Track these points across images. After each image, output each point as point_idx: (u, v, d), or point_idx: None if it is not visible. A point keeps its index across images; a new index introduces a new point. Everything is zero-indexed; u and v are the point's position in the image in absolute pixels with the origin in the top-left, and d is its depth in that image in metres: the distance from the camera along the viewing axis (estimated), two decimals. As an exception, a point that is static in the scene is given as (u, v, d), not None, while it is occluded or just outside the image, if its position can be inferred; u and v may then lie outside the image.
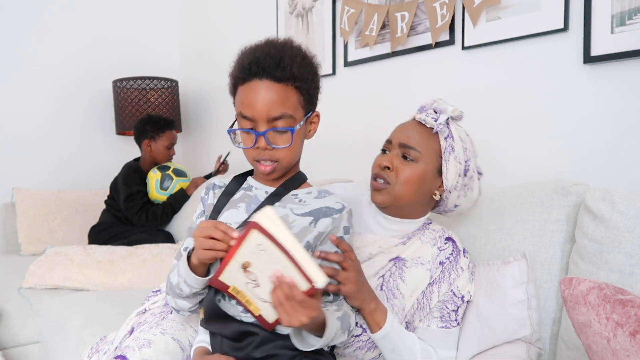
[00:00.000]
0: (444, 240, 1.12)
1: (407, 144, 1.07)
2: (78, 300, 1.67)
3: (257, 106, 0.88)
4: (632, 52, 1.28)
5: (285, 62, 0.89)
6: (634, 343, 0.68)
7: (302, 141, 0.96)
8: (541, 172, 1.48)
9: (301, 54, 0.93)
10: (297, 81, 0.90)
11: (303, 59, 0.92)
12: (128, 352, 0.97)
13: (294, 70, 0.89)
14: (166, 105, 2.84)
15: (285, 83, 0.89)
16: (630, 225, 1.01)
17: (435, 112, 1.08)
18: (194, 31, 3.17)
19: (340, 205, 0.97)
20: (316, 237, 0.93)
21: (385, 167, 1.07)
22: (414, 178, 1.06)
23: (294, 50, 0.93)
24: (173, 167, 2.53)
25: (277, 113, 0.88)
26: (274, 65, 0.88)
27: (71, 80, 2.91)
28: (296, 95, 0.91)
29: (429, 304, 1.07)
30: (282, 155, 0.92)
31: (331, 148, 2.17)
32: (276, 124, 0.89)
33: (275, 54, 0.89)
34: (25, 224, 2.53)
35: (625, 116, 1.33)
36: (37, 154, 2.82)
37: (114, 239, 2.34)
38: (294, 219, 0.93)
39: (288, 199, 0.96)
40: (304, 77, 0.91)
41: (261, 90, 0.88)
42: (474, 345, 1.08)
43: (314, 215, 0.94)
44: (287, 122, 0.90)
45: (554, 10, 1.43)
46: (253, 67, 0.89)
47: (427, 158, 1.07)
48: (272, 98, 0.88)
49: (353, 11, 1.99)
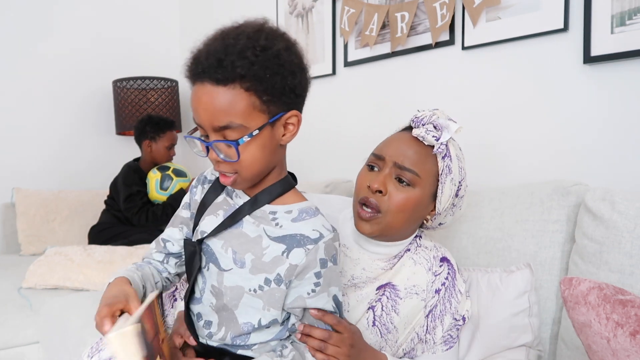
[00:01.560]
0: (439, 262, 1.02)
1: (403, 165, 0.94)
2: (78, 300, 1.67)
3: (200, 114, 0.75)
4: (632, 52, 1.28)
5: (229, 59, 0.72)
6: (634, 343, 0.68)
7: (270, 149, 0.79)
8: (541, 172, 1.48)
9: (260, 46, 0.74)
10: (247, 81, 0.73)
11: (262, 51, 0.74)
12: None
13: (239, 68, 0.72)
14: (166, 105, 2.84)
15: (231, 85, 0.73)
16: (630, 225, 1.01)
17: (435, 128, 0.95)
18: (194, 31, 3.16)
19: (316, 234, 0.81)
20: (288, 271, 0.80)
21: (377, 192, 0.94)
22: (409, 205, 0.94)
23: (251, 42, 0.74)
24: (173, 167, 2.53)
25: (221, 123, 0.74)
26: (215, 64, 0.72)
27: (71, 80, 2.91)
28: (248, 98, 0.73)
29: (433, 339, 1.00)
30: (239, 167, 0.78)
31: (331, 148, 2.17)
32: (225, 134, 0.75)
33: (218, 50, 0.73)
34: (25, 224, 2.53)
35: (625, 116, 1.33)
36: (37, 154, 2.82)
37: (114, 239, 2.34)
38: (267, 243, 0.81)
39: (264, 217, 0.83)
40: (258, 75, 0.73)
41: (202, 95, 0.74)
42: (474, 354, 1.07)
43: (286, 244, 0.81)
44: (237, 133, 0.74)
45: (554, 10, 1.43)
46: (192, 67, 0.76)
47: (424, 182, 0.94)
48: (214, 105, 0.73)
49: (353, 11, 1.99)
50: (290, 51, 0.78)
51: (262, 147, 0.77)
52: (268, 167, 0.82)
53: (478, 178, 1.63)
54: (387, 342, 0.99)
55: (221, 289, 0.84)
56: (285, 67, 0.76)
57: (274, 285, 0.81)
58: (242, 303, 0.83)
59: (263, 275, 0.81)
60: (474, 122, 1.65)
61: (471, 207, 1.31)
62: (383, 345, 1.00)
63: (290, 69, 0.76)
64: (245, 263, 0.82)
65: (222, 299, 0.84)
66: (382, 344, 1.00)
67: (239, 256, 0.82)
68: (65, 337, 1.52)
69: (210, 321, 0.87)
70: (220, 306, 0.85)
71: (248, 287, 0.82)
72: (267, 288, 0.81)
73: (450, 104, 1.68)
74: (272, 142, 0.79)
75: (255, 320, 0.84)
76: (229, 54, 0.73)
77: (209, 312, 0.87)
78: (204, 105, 0.74)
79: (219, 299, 0.85)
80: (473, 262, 1.23)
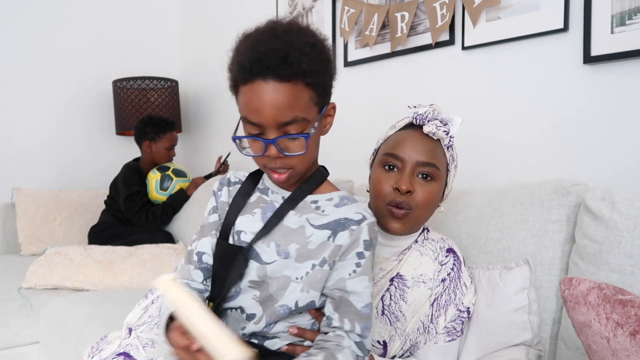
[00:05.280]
0: (445, 252, 1.07)
1: (427, 161, 0.98)
2: (78, 300, 1.67)
3: (264, 112, 0.75)
4: (632, 52, 1.28)
5: (293, 56, 0.74)
6: (634, 343, 0.68)
7: (318, 140, 0.85)
8: (541, 172, 1.48)
9: (310, 41, 0.78)
10: (308, 76, 0.76)
11: (313, 47, 0.78)
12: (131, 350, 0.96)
13: (304, 64, 0.75)
14: (166, 105, 2.84)
15: (294, 81, 0.75)
16: (630, 225, 1.01)
17: (442, 123, 1.00)
18: (194, 31, 3.17)
19: (359, 216, 0.85)
20: (333, 252, 0.83)
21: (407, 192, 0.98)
22: (433, 199, 1.00)
23: (302, 38, 0.78)
24: (173, 167, 2.53)
25: (287, 118, 0.76)
26: (279, 61, 0.74)
27: (71, 80, 2.91)
28: (308, 92, 0.77)
29: (435, 328, 1.03)
30: (296, 161, 0.81)
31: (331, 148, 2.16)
32: (288, 130, 0.77)
33: (280, 48, 0.75)
34: (25, 224, 2.53)
35: (625, 116, 1.33)
36: (37, 154, 2.82)
37: (114, 239, 2.34)
38: (311, 232, 0.84)
39: (306, 207, 0.86)
40: (315, 70, 0.77)
41: (266, 93, 0.75)
42: (474, 351, 1.07)
43: (332, 229, 0.84)
44: (299, 127, 0.78)
45: (554, 10, 1.43)
46: (255, 66, 0.75)
47: (442, 174, 1.01)
48: (280, 101, 0.75)
49: (353, 11, 1.99)
50: (326, 45, 0.82)
51: (315, 139, 0.83)
52: (314, 159, 0.87)
53: (478, 178, 1.63)
54: (396, 330, 1.02)
55: (266, 280, 0.84)
56: (329, 61, 0.82)
57: (317, 268, 0.83)
58: (288, 291, 0.84)
59: (310, 262, 0.83)
60: (474, 121, 1.65)
61: (471, 207, 1.31)
62: (393, 334, 1.02)
63: (331, 62, 0.83)
64: (290, 253, 0.84)
65: (267, 290, 0.84)
66: (392, 333, 1.02)
67: (283, 248, 0.84)
68: (65, 337, 1.52)
69: (254, 313, 0.85)
70: (266, 297, 0.84)
71: (295, 276, 0.84)
72: (311, 273, 0.83)
73: (450, 103, 1.67)
74: (319, 134, 0.85)
75: (293, 303, 0.84)
76: (291, 51, 0.75)
77: (253, 304, 0.85)
78: (269, 102, 0.75)
79: (263, 290, 0.84)
80: (473, 262, 1.23)
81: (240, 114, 0.82)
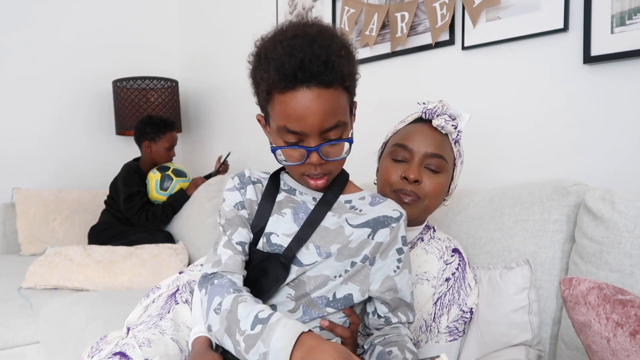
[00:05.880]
0: (451, 252, 1.08)
1: (436, 153, 1.00)
2: (78, 300, 1.67)
3: (308, 120, 0.74)
4: (632, 52, 1.28)
5: (332, 60, 0.73)
6: (634, 343, 0.68)
7: None
8: (541, 171, 1.48)
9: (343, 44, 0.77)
10: (346, 80, 0.77)
11: (346, 50, 0.77)
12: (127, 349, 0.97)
13: (344, 68, 0.75)
14: (166, 105, 2.84)
15: (335, 86, 0.75)
16: (630, 225, 1.01)
17: (451, 117, 1.02)
18: (194, 31, 3.17)
19: (398, 213, 0.88)
20: (373, 249, 0.86)
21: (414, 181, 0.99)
22: (440, 190, 1.02)
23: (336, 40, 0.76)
24: (173, 167, 2.53)
25: (331, 124, 0.76)
26: (323, 67, 0.73)
27: (71, 80, 2.91)
28: (345, 95, 0.78)
29: (437, 327, 1.03)
30: (335, 166, 0.82)
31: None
32: (329, 135, 0.77)
33: (320, 53, 0.73)
34: (25, 224, 2.53)
35: (625, 116, 1.33)
36: (37, 154, 2.82)
37: (114, 239, 2.34)
38: (350, 231, 0.85)
39: (341, 207, 0.87)
40: (351, 72, 0.78)
41: (311, 101, 0.73)
42: (473, 351, 1.07)
43: (371, 227, 0.86)
44: (340, 131, 0.78)
45: (554, 10, 1.43)
46: (299, 74, 0.72)
47: (449, 167, 1.03)
48: (325, 108, 0.74)
49: (353, 11, 1.99)
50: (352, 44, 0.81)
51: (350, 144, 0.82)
52: None
53: (477, 178, 1.63)
54: None
55: (302, 279, 0.84)
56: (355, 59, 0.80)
57: (360, 265, 0.85)
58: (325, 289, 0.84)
59: (349, 260, 0.85)
60: (474, 121, 1.65)
61: (471, 207, 1.31)
62: None
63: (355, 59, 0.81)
64: (331, 253, 0.84)
65: (303, 288, 0.84)
66: None
67: (324, 249, 0.84)
68: (65, 337, 1.52)
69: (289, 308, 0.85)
70: (301, 294, 0.85)
71: (333, 274, 0.84)
72: (352, 270, 0.85)
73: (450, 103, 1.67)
74: None
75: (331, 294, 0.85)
76: (331, 56, 0.73)
77: (287, 301, 0.85)
78: (314, 109, 0.74)
79: (299, 289, 0.84)
80: (473, 262, 1.23)
81: (275, 123, 0.78)
